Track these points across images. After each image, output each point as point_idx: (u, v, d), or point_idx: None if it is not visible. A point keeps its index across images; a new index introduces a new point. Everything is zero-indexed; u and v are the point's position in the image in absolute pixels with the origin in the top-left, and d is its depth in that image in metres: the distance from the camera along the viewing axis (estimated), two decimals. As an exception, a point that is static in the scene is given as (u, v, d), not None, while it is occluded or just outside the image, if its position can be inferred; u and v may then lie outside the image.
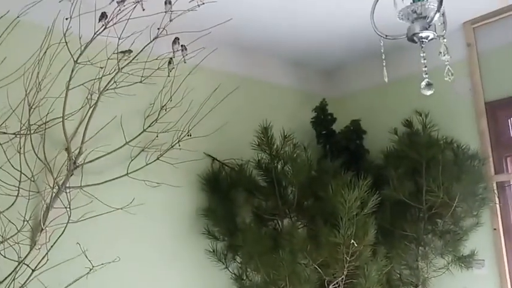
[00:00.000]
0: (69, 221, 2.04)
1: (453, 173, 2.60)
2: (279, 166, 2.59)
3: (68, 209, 2.05)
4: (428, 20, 1.32)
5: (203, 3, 2.02)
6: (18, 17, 1.80)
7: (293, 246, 2.20)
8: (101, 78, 2.13)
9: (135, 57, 2.14)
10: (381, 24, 1.51)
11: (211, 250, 2.63)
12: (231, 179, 2.73)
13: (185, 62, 2.26)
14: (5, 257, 1.87)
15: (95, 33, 2.06)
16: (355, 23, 2.77)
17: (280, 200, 2.54)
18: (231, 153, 2.83)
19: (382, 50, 1.48)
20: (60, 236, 2.02)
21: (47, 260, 1.96)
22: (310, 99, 3.30)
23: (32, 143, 2.03)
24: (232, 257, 2.64)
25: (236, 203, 2.71)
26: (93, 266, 2.06)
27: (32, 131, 1.97)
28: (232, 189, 2.71)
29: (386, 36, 1.42)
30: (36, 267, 1.95)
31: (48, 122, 2.06)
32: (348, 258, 2.18)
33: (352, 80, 3.52)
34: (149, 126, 2.35)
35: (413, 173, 2.71)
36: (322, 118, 3.14)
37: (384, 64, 1.49)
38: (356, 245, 2.07)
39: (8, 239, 1.87)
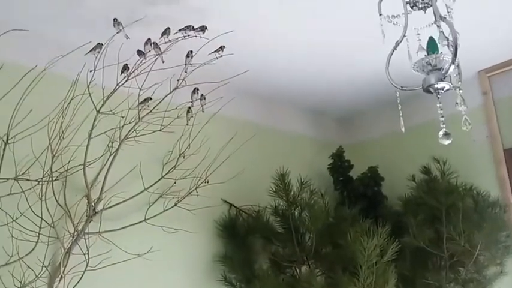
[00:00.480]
0: (87, 268, 2.05)
1: (474, 221, 2.56)
2: (296, 212, 2.58)
3: (86, 256, 2.06)
4: (443, 72, 1.34)
5: (221, 56, 2.09)
6: (44, 69, 1.88)
7: (311, 295, 2.16)
8: (122, 127, 2.18)
9: (155, 107, 2.20)
10: (396, 72, 1.54)
11: (229, 297, 2.60)
12: (248, 225, 2.73)
13: (203, 111, 2.33)
14: (23, 302, 1.88)
15: (117, 85, 2.14)
16: (371, 71, 2.81)
17: (297, 247, 2.52)
18: (248, 199, 2.84)
19: (398, 101, 1.50)
20: (77, 283, 2.02)
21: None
22: (326, 147, 3.32)
23: (53, 190, 2.07)
24: (250, 304, 2.59)
25: (253, 249, 2.70)
26: (110, 314, 2.05)
27: (53, 178, 2.01)
28: (249, 235, 2.70)
29: (402, 87, 1.44)
30: (54, 314, 1.94)
31: (69, 169, 2.11)
32: (368, 308, 2.13)
33: (368, 127, 3.55)
34: (167, 173, 2.39)
35: (433, 220, 2.67)
36: (339, 165, 3.15)
37: (401, 114, 1.51)
38: (376, 294, 2.03)
39: (27, 285, 1.88)
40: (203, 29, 2.05)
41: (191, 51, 2.15)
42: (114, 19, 2.00)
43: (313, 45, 2.53)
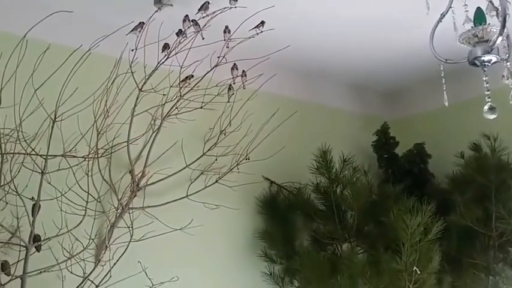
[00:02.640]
0: (131, 240, 2.12)
1: (525, 199, 2.45)
2: (338, 190, 2.55)
3: (130, 229, 2.13)
4: (490, 44, 1.27)
5: (261, 32, 2.07)
6: (89, 49, 1.92)
7: (352, 272, 2.15)
8: (164, 105, 2.22)
9: (196, 84, 2.22)
10: (444, 46, 1.47)
11: (268, 273, 2.62)
12: (288, 202, 2.72)
13: (244, 88, 2.32)
14: (71, 272, 1.97)
15: (158, 63, 2.17)
16: (416, 44, 2.70)
17: (339, 225, 2.50)
18: (289, 176, 2.83)
19: (442, 75, 1.43)
20: (122, 254, 2.10)
21: (110, 276, 2.04)
22: (370, 123, 3.24)
23: (99, 166, 2.15)
24: (290, 281, 2.60)
25: (294, 226, 2.70)
26: (153, 285, 2.12)
27: (99, 155, 2.08)
28: (290, 212, 2.70)
29: (446, 60, 1.38)
30: (100, 283, 2.03)
31: (114, 146, 2.17)
32: (410, 286, 2.10)
33: (414, 102, 3.43)
34: (209, 149, 2.41)
35: (481, 198, 2.58)
36: (384, 141, 3.07)
37: (444, 88, 1.44)
38: (419, 272, 1.99)
39: (75, 255, 1.97)
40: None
41: (227, 27, 2.14)
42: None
43: (356, 19, 2.45)
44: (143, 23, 2.05)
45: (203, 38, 2.12)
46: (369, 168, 2.63)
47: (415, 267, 2.00)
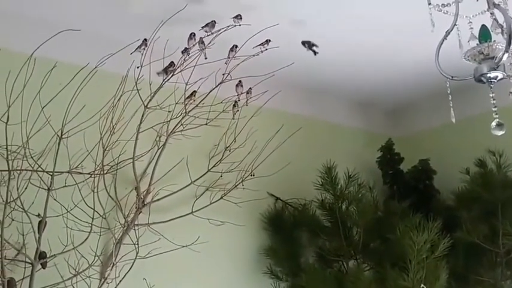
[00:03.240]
0: (137, 257, 2.11)
1: (532, 216, 2.43)
2: (344, 206, 2.55)
3: (136, 245, 2.12)
4: (496, 61, 1.27)
5: (266, 49, 2.09)
6: (95, 67, 1.94)
7: (358, 290, 2.13)
8: (169, 121, 2.23)
9: (201, 101, 2.23)
10: (448, 63, 1.48)
11: (274, 290, 2.60)
12: (294, 219, 2.72)
13: (247, 105, 2.34)
14: (77, 290, 1.96)
15: (163, 80, 2.19)
16: (421, 61, 2.72)
17: (345, 241, 2.49)
18: (294, 192, 2.83)
19: (448, 91, 1.44)
20: (128, 271, 2.08)
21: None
22: (375, 139, 3.25)
23: (104, 183, 2.15)
24: (295, 298, 2.59)
25: (299, 242, 2.69)
26: (159, 302, 2.10)
27: (104, 171, 2.08)
28: (295, 228, 2.69)
29: (452, 77, 1.38)
30: (105, 300, 2.02)
31: (119, 163, 2.18)
32: (418, 304, 2.08)
33: (419, 118, 3.43)
34: (214, 166, 2.41)
35: (487, 215, 2.56)
36: (389, 158, 3.07)
37: (451, 105, 1.45)
38: (426, 289, 1.98)
39: (81, 272, 1.97)
40: (237, 17, 2.05)
41: (235, 46, 2.17)
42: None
43: (360, 37, 2.47)
44: (146, 40, 2.07)
45: (206, 58, 2.14)
46: (374, 185, 2.62)
47: (422, 285, 1.98)
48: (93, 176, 2.01)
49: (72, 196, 2.02)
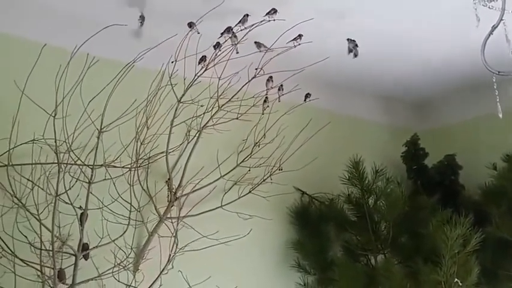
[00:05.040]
0: (177, 250, 2.16)
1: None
2: (371, 201, 2.56)
3: (175, 238, 2.17)
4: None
5: (299, 44, 2.10)
6: (134, 61, 1.97)
7: (391, 284, 2.14)
8: (203, 114, 2.25)
9: (234, 95, 2.24)
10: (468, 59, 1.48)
11: (303, 284, 2.62)
12: (320, 213, 2.73)
13: (279, 101, 2.35)
14: (118, 281, 2.01)
15: (195, 75, 2.21)
16: (448, 55, 2.72)
17: (373, 235, 2.49)
18: (319, 187, 2.84)
19: (495, 87, 1.44)
20: (167, 265, 2.12)
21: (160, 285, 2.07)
22: (400, 134, 3.25)
23: (138, 177, 2.18)
24: (324, 292, 2.60)
25: (326, 237, 2.70)
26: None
27: (139, 165, 2.11)
28: (322, 223, 2.70)
29: (498, 72, 1.38)
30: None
31: (151, 157, 2.20)
32: (450, 298, 2.08)
33: (444, 113, 3.41)
34: (243, 161, 2.43)
35: (515, 210, 2.56)
36: (414, 153, 3.06)
37: (498, 100, 1.45)
38: (460, 284, 1.98)
39: (118, 264, 2.00)
40: (274, 11, 2.06)
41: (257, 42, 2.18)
42: (189, 23, 2.07)
43: (388, 30, 2.47)
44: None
45: (237, 52, 2.16)
46: (401, 180, 2.62)
47: (456, 279, 1.99)
48: (131, 169, 2.03)
49: (108, 190, 2.05)
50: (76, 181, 1.93)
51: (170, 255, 2.11)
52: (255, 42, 2.21)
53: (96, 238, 2.01)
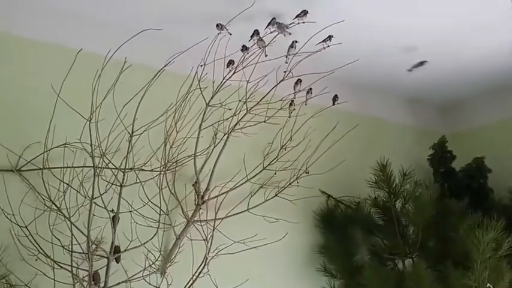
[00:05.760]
0: (208, 254, 2.16)
1: None
2: (399, 204, 2.53)
3: (208, 241, 2.18)
4: None
5: (328, 46, 2.09)
6: (165, 65, 1.99)
7: (422, 288, 2.11)
8: (230, 118, 2.25)
9: (262, 98, 2.25)
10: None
11: (329, 288, 2.61)
12: (346, 217, 2.71)
13: (306, 104, 2.35)
14: (149, 283, 2.03)
15: (223, 78, 2.21)
16: (474, 57, 2.69)
17: (401, 239, 2.47)
18: (346, 190, 2.83)
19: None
20: (199, 267, 2.13)
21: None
22: (426, 136, 3.22)
23: (167, 181, 2.19)
24: (351, 297, 2.58)
25: (352, 240, 2.68)
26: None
27: (167, 169, 2.13)
28: (349, 226, 2.68)
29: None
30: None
31: (179, 160, 2.21)
32: (482, 303, 2.05)
33: (472, 115, 3.37)
34: (269, 164, 2.42)
35: (548, 214, 2.50)
36: (441, 155, 3.03)
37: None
38: (492, 288, 1.95)
39: (150, 266, 2.01)
40: (305, 13, 2.06)
41: (295, 41, 2.18)
42: (217, 24, 2.08)
43: (416, 33, 2.45)
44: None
45: (266, 55, 2.16)
46: (430, 183, 2.59)
47: (488, 284, 1.96)
48: (161, 173, 2.04)
49: (138, 193, 2.07)
50: (111, 185, 1.95)
51: (206, 258, 2.11)
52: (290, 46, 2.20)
53: (125, 241, 2.03)
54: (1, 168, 1.91)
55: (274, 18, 2.10)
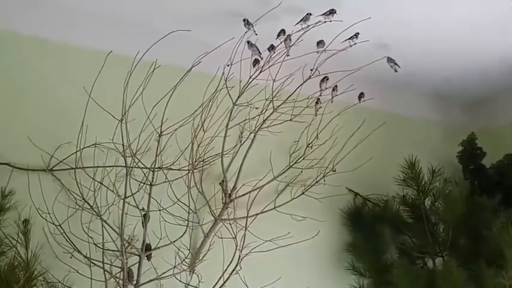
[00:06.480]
0: (237, 253, 2.17)
1: None
2: (429, 202, 2.50)
3: (241, 240, 2.19)
4: None
5: (355, 43, 2.08)
6: (193, 66, 2.01)
7: (453, 287, 2.08)
8: (258, 117, 2.27)
9: (288, 97, 2.25)
10: None
11: (357, 287, 2.60)
12: (374, 215, 2.69)
13: (332, 102, 2.34)
14: (180, 281, 2.06)
15: (250, 77, 2.22)
16: (506, 50, 2.63)
17: (431, 237, 2.43)
18: (373, 188, 2.80)
19: None
20: (229, 265, 2.14)
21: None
22: (455, 133, 3.16)
23: (194, 179, 2.22)
24: (380, 295, 2.56)
25: (381, 239, 2.66)
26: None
27: (197, 168, 2.15)
28: (376, 224, 2.66)
29: None
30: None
31: (206, 159, 2.23)
32: (516, 302, 2.00)
33: (504, 111, 3.30)
34: (295, 162, 2.42)
35: None
36: (471, 152, 2.97)
37: None
38: (526, 287, 1.91)
39: (180, 263, 2.04)
40: (332, 12, 2.05)
41: (321, 41, 2.18)
42: (244, 19, 2.09)
43: (444, 28, 2.42)
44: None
45: (288, 55, 2.16)
46: (459, 180, 2.55)
47: (523, 283, 1.92)
48: (189, 172, 2.07)
49: (167, 192, 2.09)
50: (143, 184, 1.98)
51: (240, 256, 2.12)
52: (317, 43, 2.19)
53: (154, 239, 2.06)
54: (35, 167, 1.97)
55: (309, 13, 2.09)
